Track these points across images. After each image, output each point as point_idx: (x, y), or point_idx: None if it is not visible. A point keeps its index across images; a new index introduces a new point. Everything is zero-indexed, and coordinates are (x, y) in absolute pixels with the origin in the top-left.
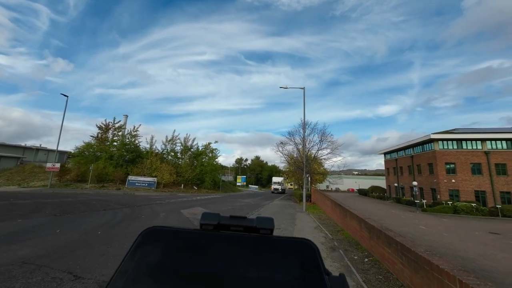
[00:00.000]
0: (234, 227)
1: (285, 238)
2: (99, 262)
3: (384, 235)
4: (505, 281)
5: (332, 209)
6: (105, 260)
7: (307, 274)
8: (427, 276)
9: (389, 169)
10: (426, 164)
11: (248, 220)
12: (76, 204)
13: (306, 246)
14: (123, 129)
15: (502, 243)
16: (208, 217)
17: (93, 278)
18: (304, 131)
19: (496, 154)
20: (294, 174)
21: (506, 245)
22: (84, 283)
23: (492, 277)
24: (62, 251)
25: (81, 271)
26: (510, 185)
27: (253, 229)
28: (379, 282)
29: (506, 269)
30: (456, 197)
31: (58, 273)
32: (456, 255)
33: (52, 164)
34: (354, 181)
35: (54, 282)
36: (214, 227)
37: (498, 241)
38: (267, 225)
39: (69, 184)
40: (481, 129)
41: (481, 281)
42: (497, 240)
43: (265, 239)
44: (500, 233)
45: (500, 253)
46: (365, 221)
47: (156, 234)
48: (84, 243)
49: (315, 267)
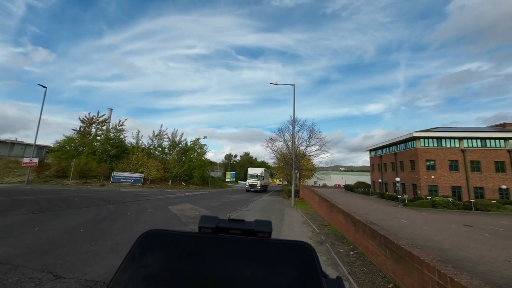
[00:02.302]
0: (232, 230)
1: (283, 241)
2: (81, 261)
3: (369, 228)
4: (476, 269)
5: (320, 204)
6: (88, 258)
7: (305, 277)
8: (408, 267)
9: (374, 165)
10: (409, 161)
11: (246, 223)
12: (56, 201)
13: (304, 249)
14: (107, 123)
15: (474, 234)
16: (206, 220)
17: (75, 278)
18: (293, 128)
19: (471, 152)
20: (283, 170)
21: (478, 236)
22: (65, 283)
23: (465, 266)
24: (41, 250)
25: (62, 270)
26: (483, 181)
27: (251, 232)
28: (363, 273)
29: (477, 259)
30: (435, 192)
31: (37, 273)
32: (434, 246)
33: (29, 159)
34: (341, 177)
35: (32, 283)
36: (212, 230)
37: (471, 233)
38: (265, 228)
39: (48, 180)
40: (459, 128)
41: (457, 270)
42: (470, 232)
43: (263, 242)
44: (473, 225)
45: (472, 244)
46: (350, 216)
47: (154, 238)
48: (65, 241)
49: (312, 269)
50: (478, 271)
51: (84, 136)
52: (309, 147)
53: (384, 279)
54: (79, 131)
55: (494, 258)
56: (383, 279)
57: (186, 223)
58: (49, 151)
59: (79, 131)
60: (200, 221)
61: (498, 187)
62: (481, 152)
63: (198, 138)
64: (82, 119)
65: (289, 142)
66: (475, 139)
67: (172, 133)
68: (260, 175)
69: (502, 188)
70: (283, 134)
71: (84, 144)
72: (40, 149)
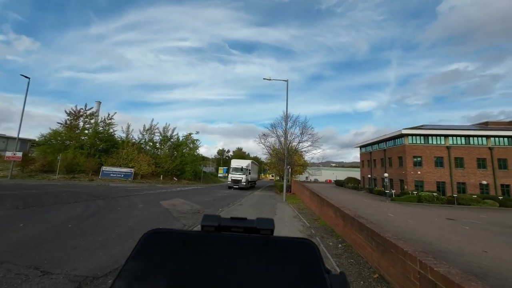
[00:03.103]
0: (234, 228)
1: (285, 238)
2: (70, 256)
3: (357, 222)
4: (456, 260)
5: (311, 199)
6: (77, 254)
7: (308, 273)
8: (392, 258)
9: (364, 161)
10: (397, 157)
11: (249, 221)
12: (42, 196)
13: (306, 246)
14: (95, 116)
15: (456, 227)
16: (209, 218)
17: (64, 273)
18: (286, 124)
19: (456, 149)
20: (275, 166)
21: (459, 229)
22: (53, 279)
23: (446, 257)
24: (27, 246)
25: (50, 266)
26: (466, 177)
27: (254, 230)
28: (350, 265)
29: (458, 250)
30: (421, 187)
31: (23, 269)
32: (418, 239)
33: (12, 153)
34: (332, 173)
35: (18, 279)
36: (215, 228)
37: (453, 226)
38: (267, 226)
39: (34, 175)
40: (445, 126)
41: (437, 260)
42: (452, 225)
43: (266, 240)
44: (455, 219)
45: (453, 237)
46: (340, 210)
47: (158, 237)
48: (53, 236)
49: (315, 266)
50: (458, 262)
51: (71, 130)
52: (301, 143)
53: (370, 270)
54: (65, 125)
55: (473, 250)
56: (369, 270)
57: (178, 218)
58: (34, 145)
59: (66, 124)
60: (202, 220)
61: (479, 183)
62: (464, 149)
63: (190, 133)
64: (69, 112)
65: (281, 138)
66: (459, 137)
67: (164, 128)
68: (246, 168)
69: (482, 183)
70: (276, 130)
71: (71, 138)
72: (24, 142)
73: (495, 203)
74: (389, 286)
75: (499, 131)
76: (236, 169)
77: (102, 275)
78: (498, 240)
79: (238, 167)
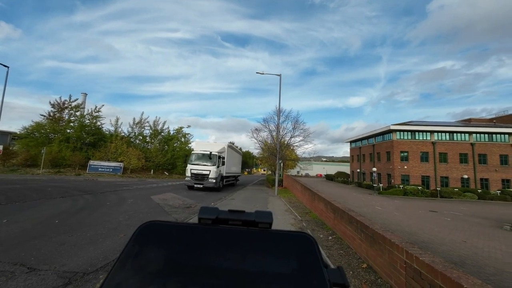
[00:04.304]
0: (232, 221)
1: (284, 232)
2: (58, 252)
3: (347, 215)
4: (438, 249)
5: (302, 192)
6: (66, 250)
7: (306, 267)
8: (380, 249)
9: (354, 156)
10: (385, 152)
11: (247, 214)
12: (26, 191)
13: (305, 239)
14: (81, 108)
15: (438, 219)
16: (206, 211)
17: (52, 269)
18: (278, 118)
19: (440, 144)
20: (267, 160)
21: (441, 221)
22: (41, 275)
23: (429, 247)
24: (11, 243)
25: (37, 263)
26: (448, 171)
27: (252, 223)
28: (340, 256)
29: (439, 241)
30: (407, 181)
31: (8, 266)
32: (403, 230)
33: None
34: (323, 167)
35: (3, 276)
36: (212, 221)
37: (435, 218)
38: (265, 219)
39: (16, 169)
40: (431, 122)
41: (422, 251)
42: (434, 217)
43: (264, 233)
44: (438, 211)
45: (436, 228)
46: (331, 203)
47: (154, 229)
48: (39, 233)
49: (313, 259)
50: (439, 251)
51: (55, 122)
52: (293, 137)
53: (359, 260)
54: (49, 117)
55: (453, 240)
56: (358, 260)
57: (170, 213)
58: (15, 138)
59: (50, 116)
60: (200, 212)
61: (460, 177)
62: (448, 145)
63: (182, 127)
64: (53, 104)
65: (274, 133)
66: (444, 133)
67: (154, 121)
68: (217, 155)
69: (464, 177)
70: (268, 125)
71: (56, 131)
72: (4, 135)
73: (474, 196)
74: (377, 275)
75: (480, 127)
76: (200, 157)
77: (92, 270)
78: (475, 231)
79: (204, 154)
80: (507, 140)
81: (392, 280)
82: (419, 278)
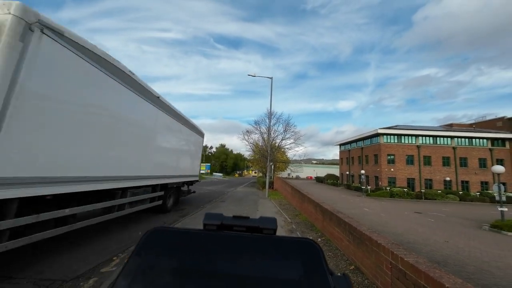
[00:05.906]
0: (237, 227)
1: (288, 238)
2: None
3: (336, 217)
4: (422, 250)
5: (292, 195)
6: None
7: (311, 274)
8: (367, 250)
9: (343, 159)
10: (373, 155)
11: (251, 220)
12: None
13: (310, 246)
14: None
15: (422, 220)
16: (211, 217)
17: (27, 277)
18: (269, 121)
19: (424, 148)
20: (258, 162)
21: (425, 221)
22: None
23: (414, 247)
24: None
25: (9, 270)
26: (432, 174)
27: (256, 229)
28: (328, 258)
29: (424, 241)
30: (393, 183)
31: None
32: (389, 231)
33: None
34: (313, 170)
35: None
36: (217, 227)
37: (420, 219)
38: (270, 225)
39: None
40: (416, 126)
41: (407, 251)
42: (419, 218)
43: (268, 239)
44: (422, 212)
45: (420, 228)
46: (320, 205)
47: (159, 235)
48: None
49: (318, 266)
50: (423, 251)
51: None
52: (284, 140)
53: (347, 262)
54: None
55: (436, 240)
56: (346, 261)
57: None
58: None
59: None
60: (204, 218)
61: (443, 179)
62: (432, 148)
63: None
64: None
65: (265, 135)
66: (428, 137)
67: None
68: None
69: (446, 180)
70: (260, 127)
71: None
72: None
73: (456, 198)
74: (364, 276)
75: (461, 132)
76: None
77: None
78: (457, 231)
79: None
80: (485, 145)
81: (378, 281)
82: (404, 278)
